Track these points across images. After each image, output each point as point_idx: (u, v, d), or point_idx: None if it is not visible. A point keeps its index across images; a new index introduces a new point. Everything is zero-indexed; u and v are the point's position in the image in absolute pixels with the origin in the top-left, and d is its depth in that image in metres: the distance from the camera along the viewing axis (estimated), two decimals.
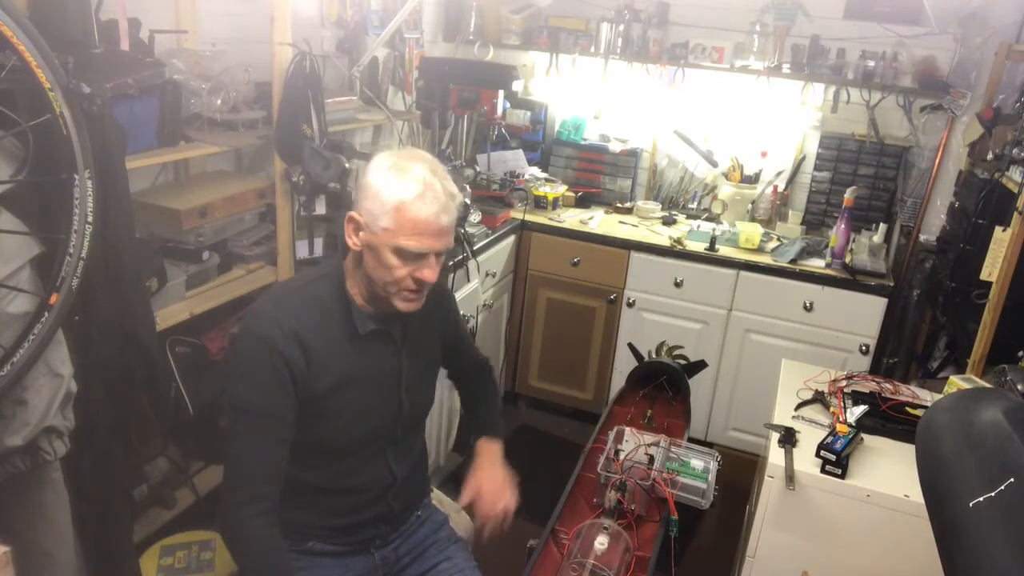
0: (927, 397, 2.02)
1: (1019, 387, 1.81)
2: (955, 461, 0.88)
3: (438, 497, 1.95)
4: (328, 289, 1.42)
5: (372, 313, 1.43)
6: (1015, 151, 2.20)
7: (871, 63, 3.02)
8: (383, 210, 1.31)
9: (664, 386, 2.35)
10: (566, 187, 3.47)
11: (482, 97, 2.99)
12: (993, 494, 0.79)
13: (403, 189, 1.30)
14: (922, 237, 3.12)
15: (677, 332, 3.00)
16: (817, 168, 3.29)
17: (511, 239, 3.14)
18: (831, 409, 1.94)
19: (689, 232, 3.17)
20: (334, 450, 1.46)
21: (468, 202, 2.63)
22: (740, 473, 2.64)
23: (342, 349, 1.40)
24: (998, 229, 2.08)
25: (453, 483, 2.17)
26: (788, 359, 2.31)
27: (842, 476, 1.69)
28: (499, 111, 3.05)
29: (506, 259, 3.15)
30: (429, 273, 1.33)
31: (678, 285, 3.04)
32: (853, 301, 2.83)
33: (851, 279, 2.83)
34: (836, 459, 1.69)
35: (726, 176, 3.39)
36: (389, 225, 1.30)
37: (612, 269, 3.13)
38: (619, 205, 3.44)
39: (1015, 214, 1.99)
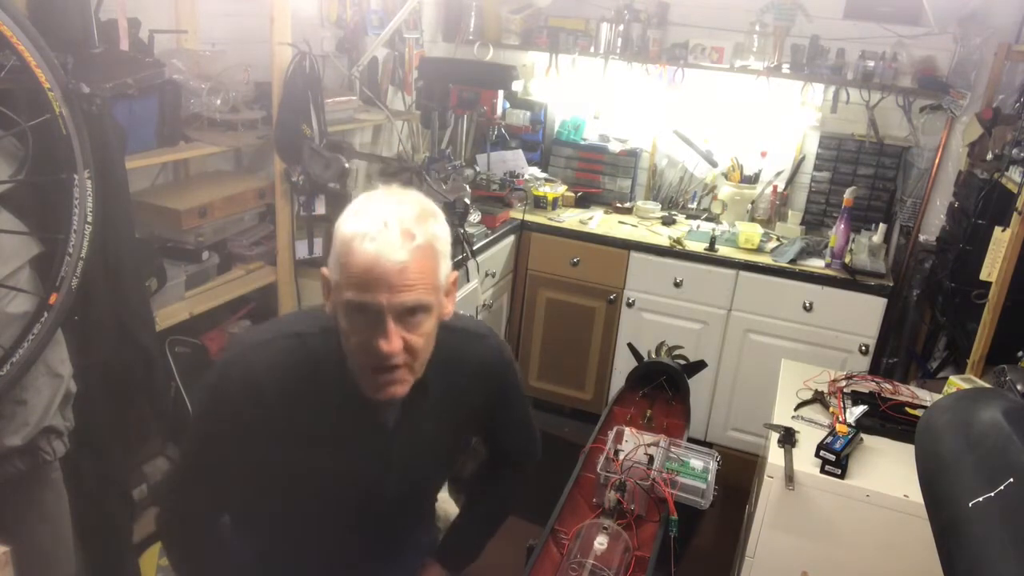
0: (926, 397, 2.02)
1: (1019, 387, 1.81)
2: (954, 461, 0.88)
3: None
4: (325, 348, 1.12)
5: (365, 398, 1.13)
6: (1015, 151, 2.20)
7: (871, 63, 3.02)
8: (335, 259, 1.03)
9: (664, 386, 2.35)
10: (566, 187, 3.47)
11: (482, 97, 2.99)
12: (992, 494, 0.80)
13: (353, 226, 1.01)
14: (922, 237, 3.12)
15: (677, 332, 3.00)
16: (817, 168, 3.29)
17: (511, 239, 3.14)
18: (831, 409, 1.94)
19: (689, 232, 3.17)
20: (283, 531, 1.27)
21: (468, 202, 2.63)
22: (740, 473, 2.64)
23: (315, 423, 1.14)
24: (997, 229, 2.08)
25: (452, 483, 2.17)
26: (788, 359, 2.31)
27: (841, 476, 1.69)
28: (499, 111, 3.05)
29: (506, 259, 3.15)
30: (384, 343, 1.00)
31: (678, 285, 3.04)
32: (852, 301, 2.83)
33: (851, 279, 2.83)
34: (835, 459, 1.69)
35: (726, 176, 3.40)
36: (338, 276, 1.02)
37: (612, 269, 3.13)
38: (619, 205, 3.44)
39: (1015, 214, 1.99)
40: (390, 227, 0.99)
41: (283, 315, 2.05)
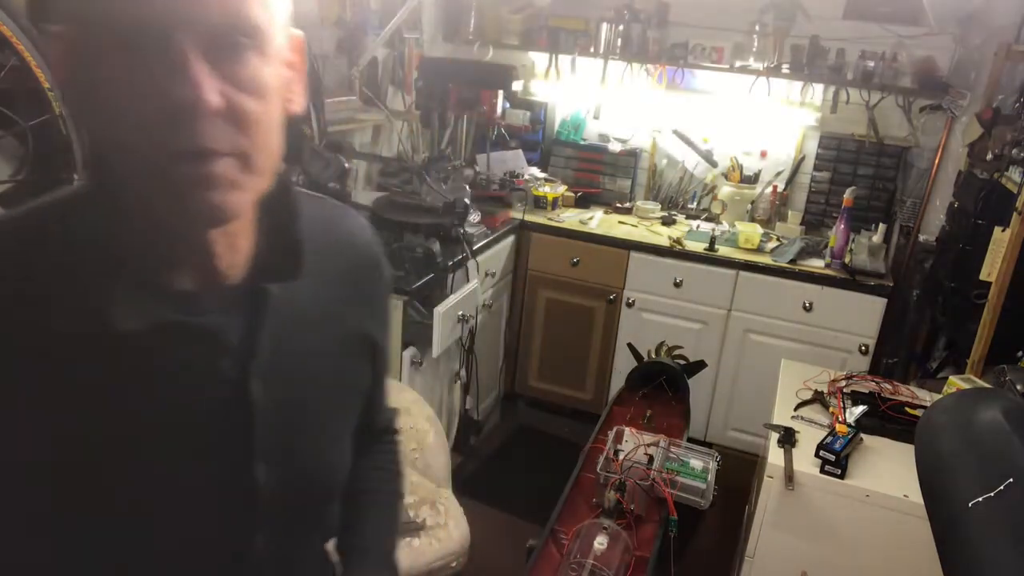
0: (926, 397, 2.02)
1: (1019, 387, 1.81)
2: (954, 461, 0.88)
3: (432, 498, 1.94)
4: (73, 212, 0.64)
5: (174, 289, 0.64)
6: (1014, 151, 2.20)
7: (870, 63, 3.02)
8: None
9: (663, 386, 2.35)
10: (565, 187, 3.47)
11: (482, 97, 3.00)
12: (992, 494, 0.80)
13: None
14: (921, 237, 3.12)
15: (676, 332, 3.00)
16: (816, 168, 3.29)
17: (510, 239, 3.14)
18: (830, 409, 1.94)
19: (688, 232, 3.17)
20: None
21: (468, 202, 2.63)
22: (739, 473, 2.64)
23: (100, 356, 0.60)
24: (997, 229, 2.08)
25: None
26: (787, 359, 2.31)
27: (841, 476, 1.69)
28: (499, 111, 3.06)
29: (505, 259, 3.15)
30: (186, 86, 0.52)
31: (677, 285, 3.04)
32: (852, 301, 2.84)
33: (850, 279, 2.83)
34: (835, 459, 1.69)
35: (725, 176, 3.40)
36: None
37: (611, 269, 3.13)
38: (618, 205, 3.44)
39: (1014, 214, 1.99)
40: None
41: None
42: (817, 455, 1.73)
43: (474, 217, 2.85)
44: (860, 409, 1.90)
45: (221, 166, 0.56)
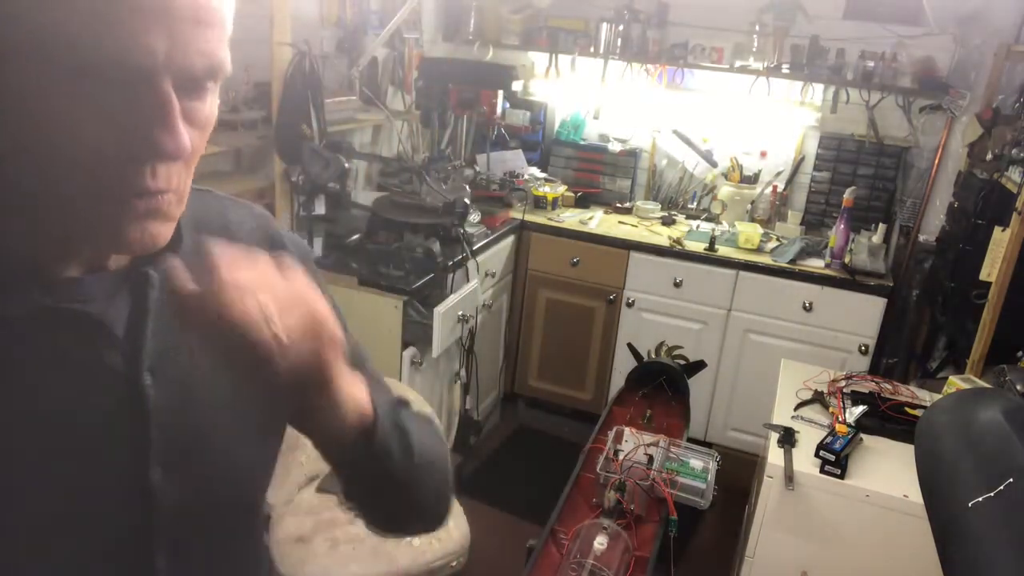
0: (926, 397, 2.02)
1: (1019, 387, 1.81)
2: (954, 461, 0.88)
3: None
4: None
5: (52, 276, 0.58)
6: (1014, 151, 2.20)
7: (870, 63, 3.02)
8: None
9: (663, 386, 2.35)
10: (565, 187, 3.47)
11: (482, 97, 3.00)
12: (992, 494, 0.80)
13: None
14: (921, 237, 3.12)
15: (676, 332, 3.00)
16: (816, 168, 3.30)
17: (510, 239, 3.14)
18: (830, 409, 1.94)
19: (688, 232, 3.17)
20: None
21: (468, 202, 2.63)
22: (739, 473, 2.64)
23: None
24: (997, 229, 2.08)
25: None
26: (787, 359, 2.31)
27: (841, 476, 1.69)
28: (499, 111, 3.06)
29: (505, 259, 3.15)
30: (168, 136, 0.51)
31: (677, 285, 3.04)
32: (852, 301, 2.84)
33: (850, 279, 2.83)
34: (835, 459, 1.69)
35: (725, 176, 3.40)
36: (52, 14, 0.47)
37: (611, 269, 3.13)
38: (618, 205, 3.44)
39: (1014, 214, 1.99)
40: None
41: None
42: (817, 455, 1.73)
43: (474, 217, 2.85)
44: (860, 409, 1.90)
45: (165, 202, 0.55)
